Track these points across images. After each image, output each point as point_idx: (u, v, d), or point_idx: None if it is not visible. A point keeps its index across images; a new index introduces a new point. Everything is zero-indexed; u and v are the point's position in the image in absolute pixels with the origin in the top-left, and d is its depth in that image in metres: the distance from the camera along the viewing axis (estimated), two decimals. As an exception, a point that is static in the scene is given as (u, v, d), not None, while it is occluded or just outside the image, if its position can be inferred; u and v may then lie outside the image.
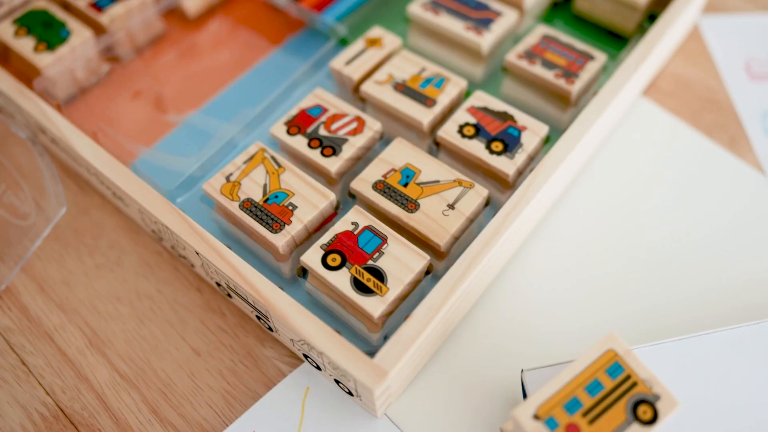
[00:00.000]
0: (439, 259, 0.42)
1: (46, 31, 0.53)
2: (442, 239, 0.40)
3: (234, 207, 0.42)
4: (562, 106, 0.49)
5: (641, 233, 0.47)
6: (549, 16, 0.58)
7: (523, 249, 0.46)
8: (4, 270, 0.47)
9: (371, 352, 0.36)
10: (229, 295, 0.43)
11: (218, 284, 0.43)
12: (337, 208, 0.43)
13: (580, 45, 0.50)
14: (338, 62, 0.49)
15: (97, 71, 0.54)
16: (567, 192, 0.49)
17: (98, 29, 0.54)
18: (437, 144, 0.46)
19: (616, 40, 0.56)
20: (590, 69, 0.48)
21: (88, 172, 0.48)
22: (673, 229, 0.47)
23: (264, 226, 0.41)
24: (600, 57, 0.49)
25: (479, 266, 0.38)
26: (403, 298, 0.39)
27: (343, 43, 0.55)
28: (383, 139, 0.47)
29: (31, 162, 0.50)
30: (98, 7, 0.54)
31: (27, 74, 0.53)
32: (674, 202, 0.48)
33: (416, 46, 0.55)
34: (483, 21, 0.51)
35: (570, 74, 0.48)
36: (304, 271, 0.41)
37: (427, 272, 0.40)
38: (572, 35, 0.56)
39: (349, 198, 0.44)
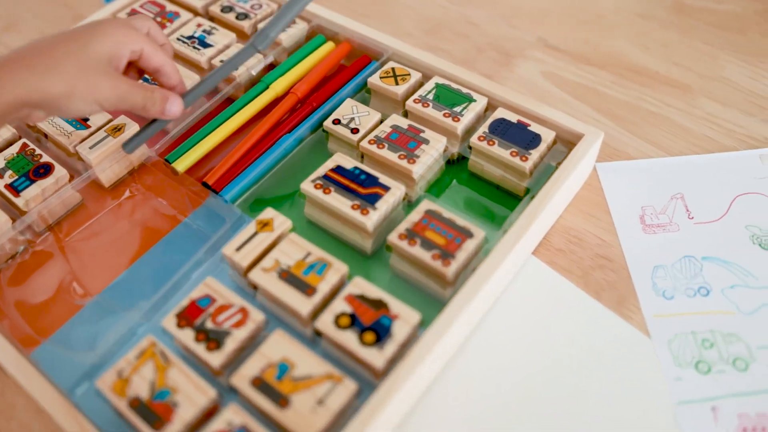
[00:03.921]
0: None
1: (-39, 215, 0.61)
2: (309, 437, 0.47)
3: (122, 405, 0.49)
4: (443, 285, 0.56)
5: (533, 404, 0.53)
6: (448, 173, 0.65)
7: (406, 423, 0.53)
8: None
9: None
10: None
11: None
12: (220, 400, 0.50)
13: (461, 221, 0.57)
14: (230, 248, 0.56)
15: (11, 253, 0.62)
16: (452, 361, 0.55)
17: (15, 211, 0.62)
18: (318, 333, 0.53)
19: (511, 198, 0.62)
20: (467, 248, 0.55)
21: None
22: (566, 393, 0.53)
23: (148, 425, 0.48)
24: (479, 234, 0.56)
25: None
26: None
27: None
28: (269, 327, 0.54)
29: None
30: (14, 189, 0.62)
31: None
32: (567, 366, 0.54)
33: (313, 219, 0.62)
34: (370, 198, 0.58)
35: (447, 255, 0.55)
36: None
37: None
38: (468, 195, 0.63)
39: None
